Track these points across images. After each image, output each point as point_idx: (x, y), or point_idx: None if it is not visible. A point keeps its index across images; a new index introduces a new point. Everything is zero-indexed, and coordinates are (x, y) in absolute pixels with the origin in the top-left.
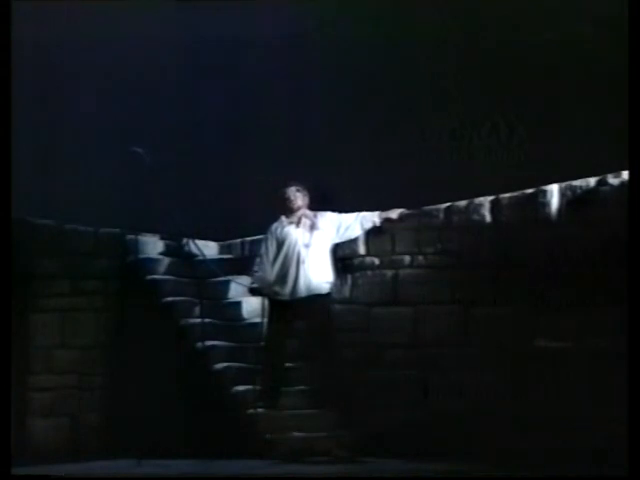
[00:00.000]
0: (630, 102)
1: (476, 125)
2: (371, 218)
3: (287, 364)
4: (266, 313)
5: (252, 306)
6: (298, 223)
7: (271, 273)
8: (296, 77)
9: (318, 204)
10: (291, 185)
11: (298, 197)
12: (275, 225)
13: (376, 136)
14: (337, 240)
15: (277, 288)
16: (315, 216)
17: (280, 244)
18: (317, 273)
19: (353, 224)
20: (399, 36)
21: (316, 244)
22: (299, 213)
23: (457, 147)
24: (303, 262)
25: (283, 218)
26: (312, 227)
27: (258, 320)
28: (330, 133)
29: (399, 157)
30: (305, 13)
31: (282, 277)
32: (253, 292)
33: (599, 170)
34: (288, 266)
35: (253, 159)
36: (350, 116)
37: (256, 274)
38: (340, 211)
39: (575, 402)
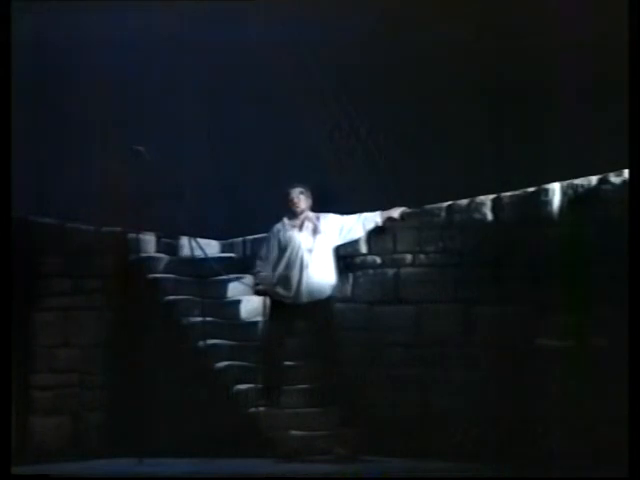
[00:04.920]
0: (630, 102)
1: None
2: (373, 218)
3: (288, 363)
4: (267, 312)
5: (253, 305)
6: (301, 227)
7: (273, 276)
8: (296, 77)
9: (320, 205)
10: (295, 186)
11: (302, 200)
12: (277, 227)
13: (376, 135)
14: (339, 242)
15: (279, 291)
16: (317, 218)
17: (283, 248)
18: (320, 278)
19: (355, 226)
20: (399, 34)
21: (319, 248)
22: (302, 216)
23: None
24: (306, 267)
25: (286, 220)
26: (315, 231)
27: (259, 319)
28: (331, 133)
29: (401, 156)
30: (304, 14)
31: (284, 281)
32: (258, 292)
33: (600, 169)
34: (291, 270)
35: (254, 158)
36: (350, 116)
37: (260, 274)
38: (341, 212)
39: (576, 401)
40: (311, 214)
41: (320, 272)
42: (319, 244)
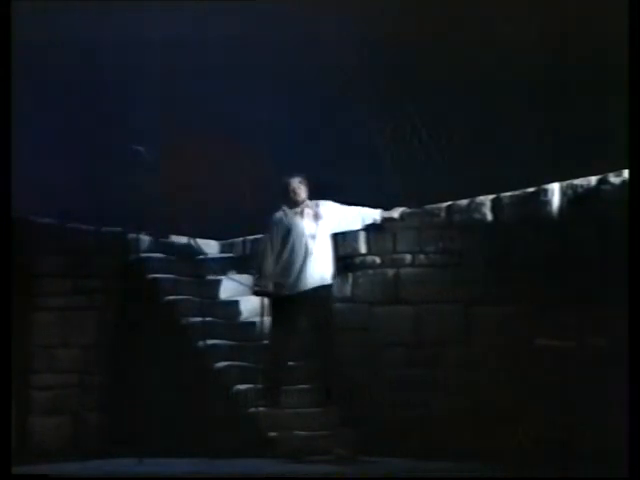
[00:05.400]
0: (630, 102)
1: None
2: (372, 215)
3: (290, 362)
4: (267, 311)
5: (252, 305)
6: (302, 213)
7: (275, 264)
8: (295, 76)
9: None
10: (294, 176)
11: (302, 189)
12: (279, 215)
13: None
14: (337, 230)
15: (282, 280)
16: (317, 205)
17: (286, 235)
18: (322, 265)
19: (354, 217)
20: (398, 35)
21: (321, 234)
22: (302, 205)
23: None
24: (311, 254)
25: (286, 208)
26: (316, 216)
27: (258, 319)
28: (331, 132)
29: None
30: (304, 13)
31: (288, 268)
32: (257, 293)
33: (600, 169)
34: (295, 258)
35: (253, 157)
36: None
37: (264, 272)
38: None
39: (576, 401)
40: (309, 201)
41: (322, 259)
42: (321, 230)
